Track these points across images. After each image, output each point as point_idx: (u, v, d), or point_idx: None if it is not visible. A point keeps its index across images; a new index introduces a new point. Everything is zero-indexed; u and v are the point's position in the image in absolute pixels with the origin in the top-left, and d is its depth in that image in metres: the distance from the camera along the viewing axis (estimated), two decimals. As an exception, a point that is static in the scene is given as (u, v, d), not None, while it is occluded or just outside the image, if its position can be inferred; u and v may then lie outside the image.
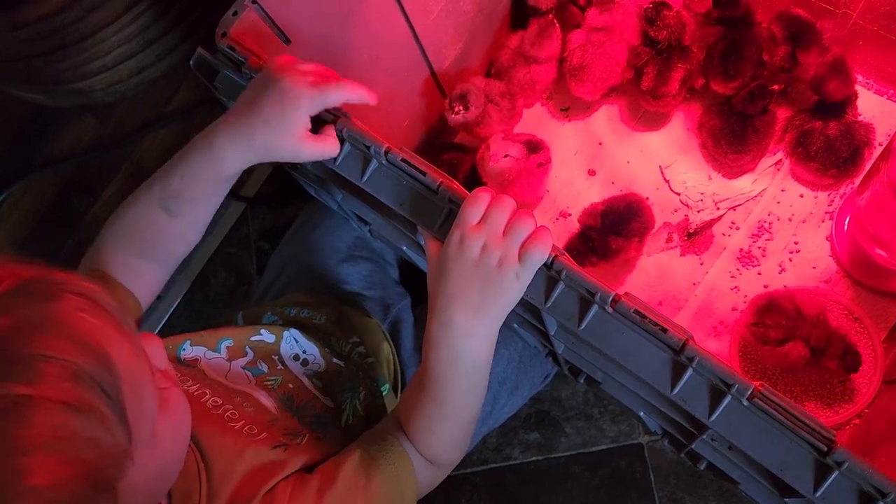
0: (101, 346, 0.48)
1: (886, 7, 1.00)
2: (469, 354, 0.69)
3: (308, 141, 0.71)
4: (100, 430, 0.46)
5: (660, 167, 1.16)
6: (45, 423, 0.44)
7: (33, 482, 0.43)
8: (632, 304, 0.64)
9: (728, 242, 1.11)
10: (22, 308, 0.46)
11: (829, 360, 0.93)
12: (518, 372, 1.01)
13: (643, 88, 1.11)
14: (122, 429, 0.48)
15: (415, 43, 1.07)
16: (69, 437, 0.45)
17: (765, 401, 0.60)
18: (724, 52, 1.07)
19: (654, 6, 1.07)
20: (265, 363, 0.84)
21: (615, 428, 1.23)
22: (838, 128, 1.04)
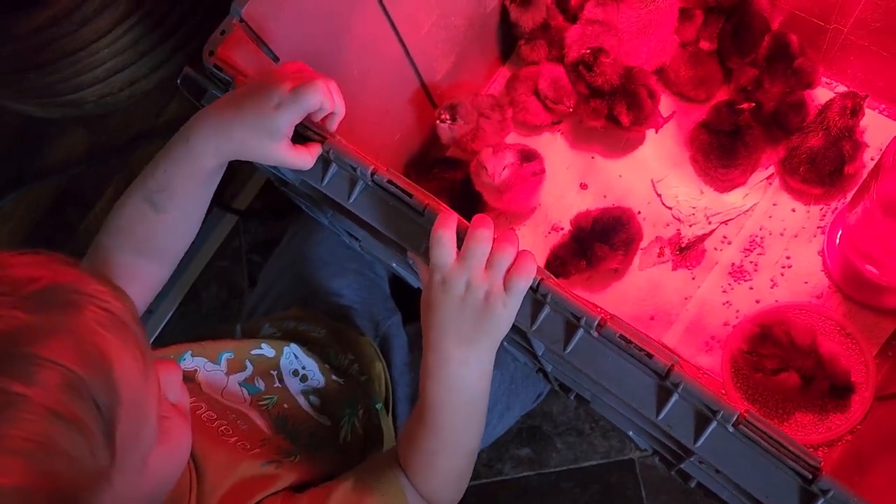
0: (108, 363, 0.48)
1: (877, 23, 1.00)
2: (465, 383, 0.69)
3: (283, 147, 0.70)
4: (82, 446, 0.46)
5: (652, 181, 1.16)
6: (27, 427, 0.43)
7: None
8: (617, 329, 0.64)
9: (720, 257, 1.11)
10: (43, 309, 0.46)
11: (817, 391, 0.94)
12: (510, 393, 1.00)
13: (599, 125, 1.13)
14: (106, 450, 0.47)
15: (406, 58, 1.07)
16: (48, 446, 0.44)
17: (750, 427, 0.60)
18: (733, 32, 1.09)
19: (594, 51, 1.08)
20: (263, 380, 0.84)
21: (606, 443, 1.23)
22: (823, 141, 1.03)
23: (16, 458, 0.43)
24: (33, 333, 0.45)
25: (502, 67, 1.29)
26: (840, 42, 1.08)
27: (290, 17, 0.86)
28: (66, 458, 0.45)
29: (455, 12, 1.10)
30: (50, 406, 0.44)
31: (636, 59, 1.13)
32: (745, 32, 1.09)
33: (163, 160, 0.73)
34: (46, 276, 0.48)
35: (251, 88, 0.71)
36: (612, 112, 1.09)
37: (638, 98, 1.08)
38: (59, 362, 0.45)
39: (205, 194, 0.76)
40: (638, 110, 1.08)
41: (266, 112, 0.68)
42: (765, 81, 1.07)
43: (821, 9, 1.05)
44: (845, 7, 1.02)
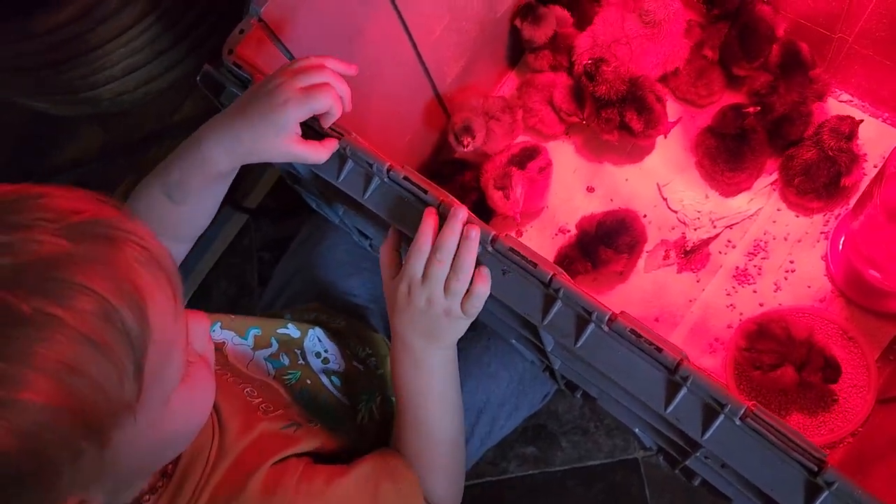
0: (142, 299, 0.49)
1: (881, 33, 1.02)
2: (433, 369, 0.75)
3: (293, 143, 0.72)
4: (111, 374, 0.47)
5: (657, 185, 1.18)
6: (61, 349, 0.44)
7: (26, 396, 0.43)
8: (628, 324, 0.65)
9: (724, 260, 1.12)
10: (85, 240, 0.47)
11: (810, 374, 0.95)
12: (518, 394, 1.02)
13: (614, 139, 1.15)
14: (133, 383, 0.48)
15: (417, 61, 1.09)
16: (80, 370, 0.45)
17: (757, 420, 0.61)
18: (738, 37, 1.11)
19: (595, 61, 1.10)
20: (287, 356, 0.87)
21: (611, 442, 1.24)
22: (819, 151, 1.05)
23: (45, 377, 0.44)
24: (73, 261, 0.46)
25: (511, 72, 1.31)
26: (845, 51, 1.09)
27: (306, 18, 0.88)
28: (94, 384, 0.46)
29: (466, 17, 1.12)
30: (83, 331, 0.45)
31: (646, 67, 1.15)
32: (752, 38, 1.10)
33: (175, 162, 0.75)
34: (90, 210, 0.49)
35: (258, 88, 0.73)
36: (623, 120, 1.11)
37: (646, 103, 1.10)
38: (97, 290, 0.46)
39: (220, 190, 0.79)
40: (648, 114, 1.10)
41: (273, 109, 0.70)
42: (780, 87, 1.08)
43: (826, 18, 1.07)
44: (850, 17, 1.04)
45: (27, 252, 0.45)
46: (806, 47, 1.10)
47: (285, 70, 0.73)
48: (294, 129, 0.71)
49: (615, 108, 1.10)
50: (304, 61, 0.74)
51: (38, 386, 0.43)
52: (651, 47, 1.15)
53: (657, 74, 1.17)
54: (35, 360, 0.43)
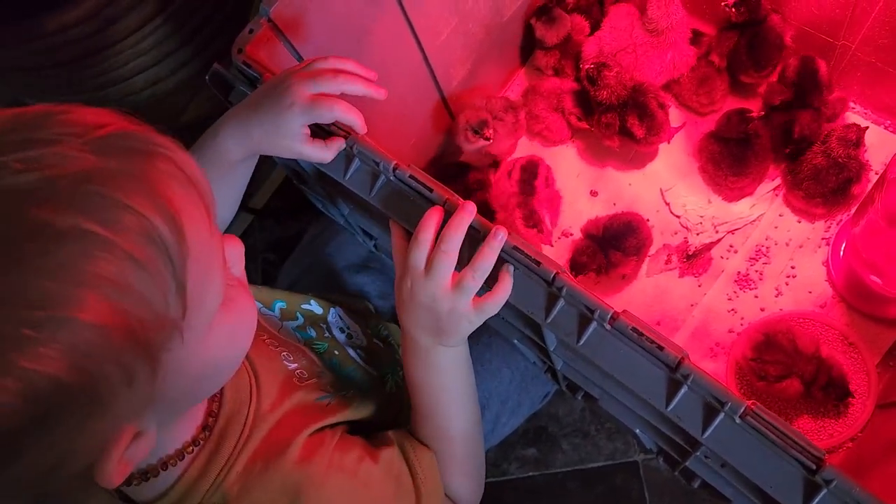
0: (179, 216, 0.47)
1: (883, 39, 1.03)
2: (442, 367, 0.75)
3: (300, 142, 0.74)
4: (157, 293, 0.45)
5: (660, 190, 1.19)
6: (107, 267, 0.43)
7: (77, 315, 0.42)
8: (630, 322, 0.66)
9: (726, 265, 1.13)
10: (114, 154, 0.45)
11: (816, 390, 0.96)
12: (520, 391, 1.03)
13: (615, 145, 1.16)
14: (178, 301, 0.47)
15: (424, 64, 1.10)
16: (126, 287, 0.44)
17: (757, 419, 0.62)
18: (748, 46, 1.11)
19: (598, 66, 1.10)
20: (314, 329, 0.88)
21: (611, 445, 1.24)
22: (827, 159, 1.06)
23: (94, 294, 0.42)
24: (106, 175, 0.44)
25: (518, 74, 1.32)
26: (848, 58, 1.10)
27: (314, 19, 0.89)
28: (141, 301, 0.44)
29: (473, 20, 1.13)
30: (124, 247, 0.44)
31: (650, 75, 1.16)
32: (761, 47, 1.11)
33: (197, 151, 0.77)
34: (116, 123, 0.47)
35: (269, 87, 0.75)
36: (624, 125, 1.11)
37: (649, 109, 1.11)
38: (133, 205, 0.44)
39: (237, 180, 0.81)
40: (650, 121, 1.11)
41: (280, 111, 0.72)
42: (794, 106, 1.09)
43: (829, 25, 1.08)
44: (854, 24, 1.05)
45: (57, 166, 0.43)
46: (823, 66, 1.09)
47: (302, 71, 0.74)
48: (300, 131, 0.73)
49: (616, 112, 1.11)
50: (321, 63, 0.75)
51: (88, 304, 0.42)
52: (656, 55, 1.15)
53: (662, 82, 1.18)
54: (81, 277, 0.42)
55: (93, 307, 0.42)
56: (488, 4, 1.14)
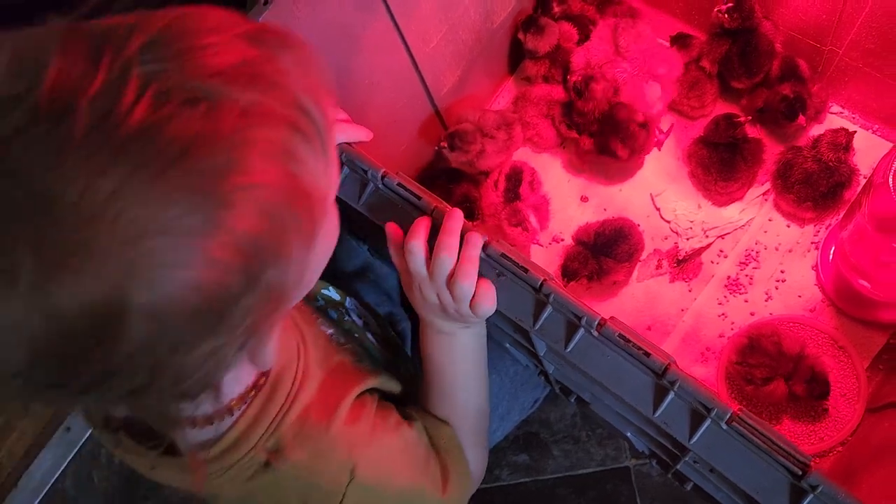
0: (319, 95, 0.49)
1: (870, 45, 1.03)
2: (464, 345, 0.79)
3: None
4: (316, 163, 0.47)
5: (651, 195, 1.19)
6: (270, 133, 0.44)
7: (259, 180, 0.43)
8: (616, 328, 0.66)
9: (716, 270, 1.13)
10: (263, 44, 0.47)
11: (797, 385, 0.96)
12: (509, 398, 1.03)
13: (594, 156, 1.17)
14: (326, 172, 0.49)
15: (414, 70, 1.10)
16: (292, 154, 0.45)
17: (743, 424, 0.62)
18: (740, 53, 1.13)
19: (585, 78, 1.11)
20: (335, 311, 0.91)
21: (602, 451, 1.25)
22: (818, 163, 1.07)
23: (272, 162, 0.44)
24: (262, 59, 0.46)
25: (508, 81, 1.32)
26: (836, 63, 1.11)
27: (303, 26, 0.89)
28: (307, 170, 0.46)
29: (463, 27, 1.14)
30: (290, 119, 0.45)
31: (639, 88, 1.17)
32: (753, 54, 1.12)
33: None
34: (249, 23, 0.48)
35: None
36: (607, 147, 1.12)
37: (629, 130, 1.12)
38: (290, 85, 0.46)
39: None
40: (633, 141, 1.12)
41: None
42: (774, 91, 1.11)
43: (817, 31, 1.09)
44: (841, 29, 1.05)
45: (219, 55, 0.44)
46: (804, 63, 1.12)
47: None
48: None
49: (596, 133, 1.12)
50: None
51: (263, 169, 0.43)
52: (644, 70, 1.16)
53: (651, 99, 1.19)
54: (258, 146, 0.43)
55: (267, 173, 0.44)
56: (478, 12, 1.15)
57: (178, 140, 0.40)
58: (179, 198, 0.40)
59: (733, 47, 1.13)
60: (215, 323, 0.44)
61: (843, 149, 1.07)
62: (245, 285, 0.44)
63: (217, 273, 0.42)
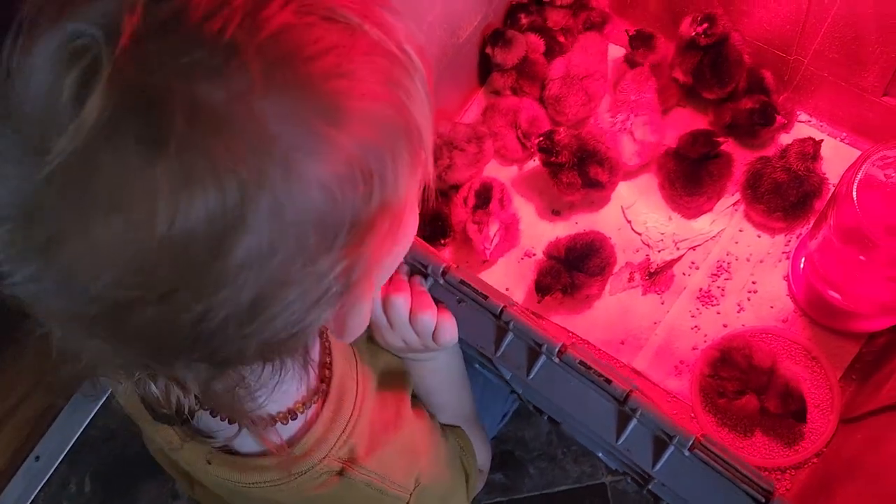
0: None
1: (833, 54, 1.03)
2: (439, 368, 0.81)
3: None
4: (422, 116, 0.47)
5: (622, 207, 1.18)
6: (393, 68, 0.45)
7: (369, 93, 0.43)
8: (577, 356, 0.66)
9: (688, 282, 1.13)
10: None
11: (769, 401, 0.96)
12: (482, 411, 1.02)
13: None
14: (427, 138, 0.49)
15: (378, 87, 1.09)
16: (408, 90, 0.45)
17: (705, 451, 0.62)
18: (712, 65, 1.12)
19: (546, 136, 1.10)
20: None
21: (578, 469, 1.24)
22: (788, 173, 1.06)
23: (389, 87, 0.44)
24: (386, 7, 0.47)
25: (478, 92, 1.31)
26: (801, 72, 1.11)
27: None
28: (418, 111, 0.46)
29: (428, 44, 1.13)
30: (405, 65, 0.46)
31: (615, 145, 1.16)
32: (724, 65, 1.12)
33: None
34: None
35: None
36: (588, 178, 1.11)
37: (603, 155, 1.11)
38: (405, 41, 0.47)
39: None
40: (610, 164, 1.11)
41: None
42: (742, 109, 1.12)
43: (782, 41, 1.09)
44: (804, 39, 1.05)
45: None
46: (769, 75, 1.12)
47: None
48: None
49: (575, 170, 1.11)
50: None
51: (388, 94, 0.44)
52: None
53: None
54: (384, 73, 0.44)
55: (389, 94, 0.44)
56: (443, 28, 1.14)
57: (317, 43, 0.41)
58: (311, 93, 0.41)
59: (705, 58, 1.13)
60: (332, 238, 0.43)
61: (812, 158, 1.07)
62: (363, 198, 0.43)
63: (342, 170, 0.42)
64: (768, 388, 0.96)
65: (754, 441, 1.02)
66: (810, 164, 1.07)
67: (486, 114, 1.23)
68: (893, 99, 1.04)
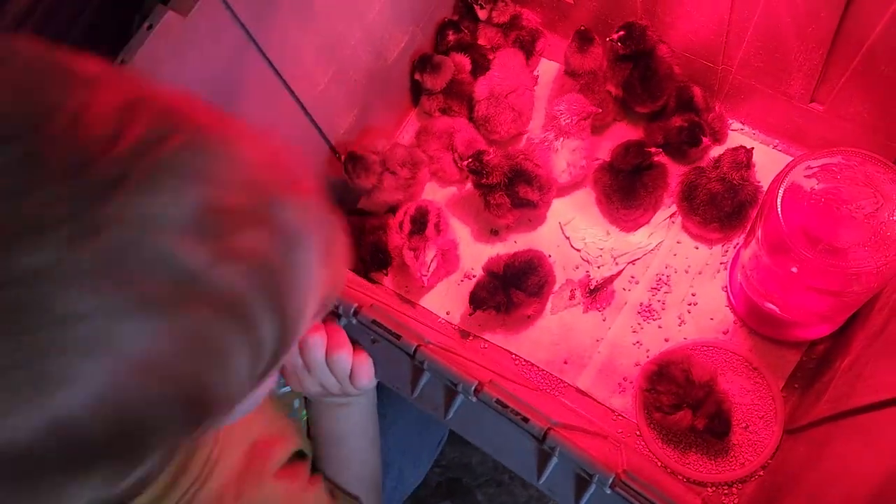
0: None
1: (758, 63, 1.02)
2: (351, 413, 0.80)
3: None
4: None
5: (559, 224, 1.17)
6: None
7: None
8: (494, 394, 0.64)
9: (629, 297, 1.12)
10: None
11: (700, 420, 0.94)
12: (419, 437, 1.01)
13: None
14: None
15: (304, 115, 1.06)
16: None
17: (626, 489, 0.60)
18: (641, 79, 1.11)
19: (475, 157, 1.09)
20: None
21: (526, 493, 1.22)
22: (723, 183, 1.06)
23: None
24: None
25: (410, 115, 1.29)
26: (730, 81, 1.10)
27: (172, 78, 0.84)
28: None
29: (354, 67, 1.10)
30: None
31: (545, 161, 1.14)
32: (653, 79, 1.11)
33: None
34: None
35: None
36: (517, 198, 1.10)
37: (533, 173, 1.10)
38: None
39: None
40: (539, 182, 1.10)
41: None
42: (672, 127, 1.12)
43: (708, 51, 1.08)
44: (729, 49, 1.04)
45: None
46: (699, 91, 1.12)
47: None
48: None
49: (503, 191, 1.09)
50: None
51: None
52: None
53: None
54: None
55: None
56: (367, 51, 1.11)
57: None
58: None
59: (634, 72, 1.12)
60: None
61: (745, 166, 1.06)
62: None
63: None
64: (703, 404, 0.94)
65: (697, 455, 1.01)
66: (744, 173, 1.06)
67: (421, 137, 1.21)
68: (820, 105, 1.04)
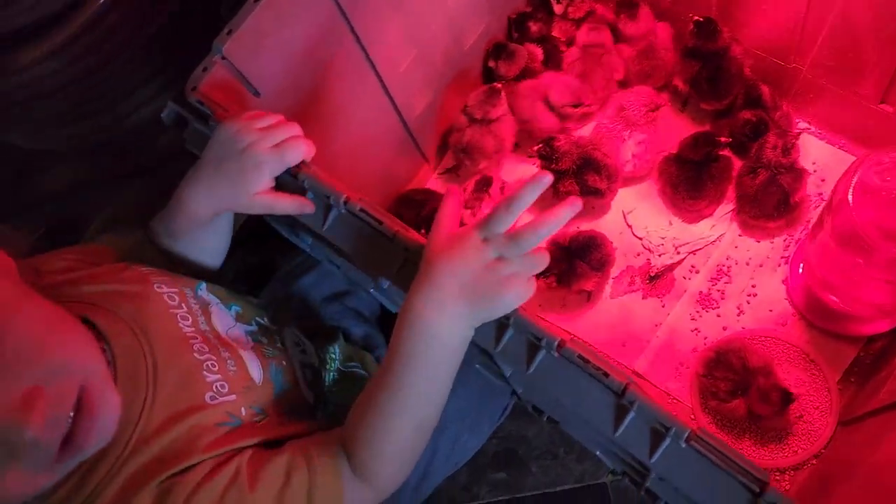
0: None
1: (830, 62, 1.05)
2: (445, 340, 0.69)
3: (269, 198, 0.78)
4: None
5: (623, 212, 1.20)
6: None
7: None
8: (576, 349, 0.67)
9: (688, 285, 1.14)
10: None
11: (755, 404, 0.97)
12: (479, 407, 1.03)
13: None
14: None
15: (385, 94, 1.11)
16: None
17: (701, 443, 0.63)
18: (709, 78, 1.14)
19: (545, 143, 1.13)
20: (266, 337, 0.89)
21: (580, 467, 1.25)
22: (762, 179, 1.08)
23: None
24: None
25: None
26: (800, 80, 1.13)
27: (270, 54, 0.90)
28: None
29: (434, 51, 1.15)
30: None
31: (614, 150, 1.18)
32: (723, 77, 1.14)
33: (167, 212, 0.84)
34: None
35: (229, 144, 0.78)
36: (586, 186, 1.13)
37: (601, 162, 1.13)
38: None
39: (219, 230, 0.89)
40: (608, 171, 1.14)
41: (248, 170, 0.77)
42: (739, 121, 1.14)
43: (781, 49, 1.11)
44: (803, 47, 1.07)
45: None
46: (767, 90, 1.13)
47: (252, 128, 0.78)
48: (269, 185, 0.78)
49: (572, 178, 1.13)
50: (269, 118, 0.80)
51: None
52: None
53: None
54: None
55: None
56: (448, 35, 1.16)
57: None
58: None
59: (703, 70, 1.15)
60: None
61: (784, 151, 1.06)
62: None
63: None
64: (759, 388, 0.97)
65: (751, 442, 1.03)
66: (783, 159, 1.07)
67: (510, 99, 1.23)
68: (890, 106, 1.06)
